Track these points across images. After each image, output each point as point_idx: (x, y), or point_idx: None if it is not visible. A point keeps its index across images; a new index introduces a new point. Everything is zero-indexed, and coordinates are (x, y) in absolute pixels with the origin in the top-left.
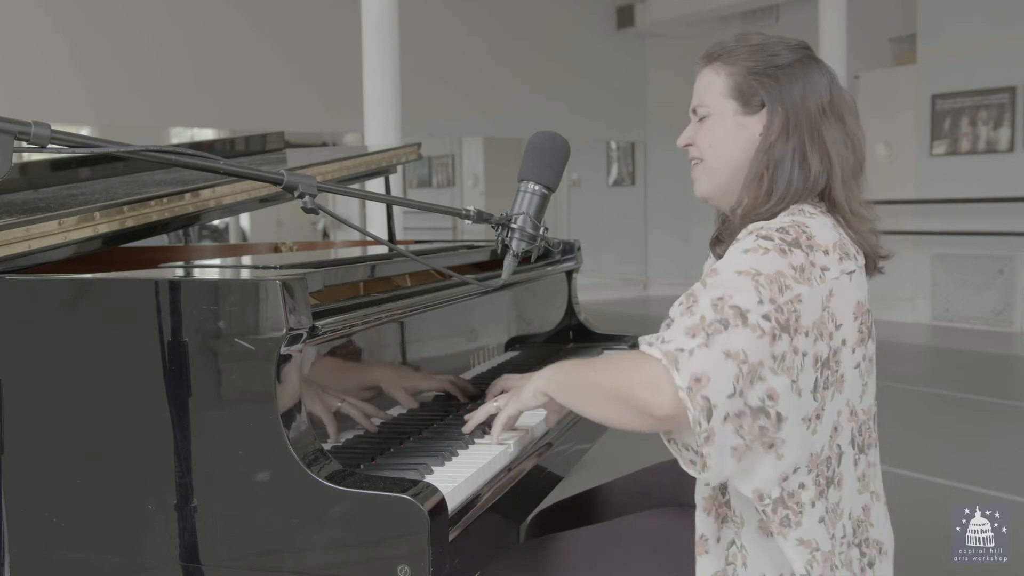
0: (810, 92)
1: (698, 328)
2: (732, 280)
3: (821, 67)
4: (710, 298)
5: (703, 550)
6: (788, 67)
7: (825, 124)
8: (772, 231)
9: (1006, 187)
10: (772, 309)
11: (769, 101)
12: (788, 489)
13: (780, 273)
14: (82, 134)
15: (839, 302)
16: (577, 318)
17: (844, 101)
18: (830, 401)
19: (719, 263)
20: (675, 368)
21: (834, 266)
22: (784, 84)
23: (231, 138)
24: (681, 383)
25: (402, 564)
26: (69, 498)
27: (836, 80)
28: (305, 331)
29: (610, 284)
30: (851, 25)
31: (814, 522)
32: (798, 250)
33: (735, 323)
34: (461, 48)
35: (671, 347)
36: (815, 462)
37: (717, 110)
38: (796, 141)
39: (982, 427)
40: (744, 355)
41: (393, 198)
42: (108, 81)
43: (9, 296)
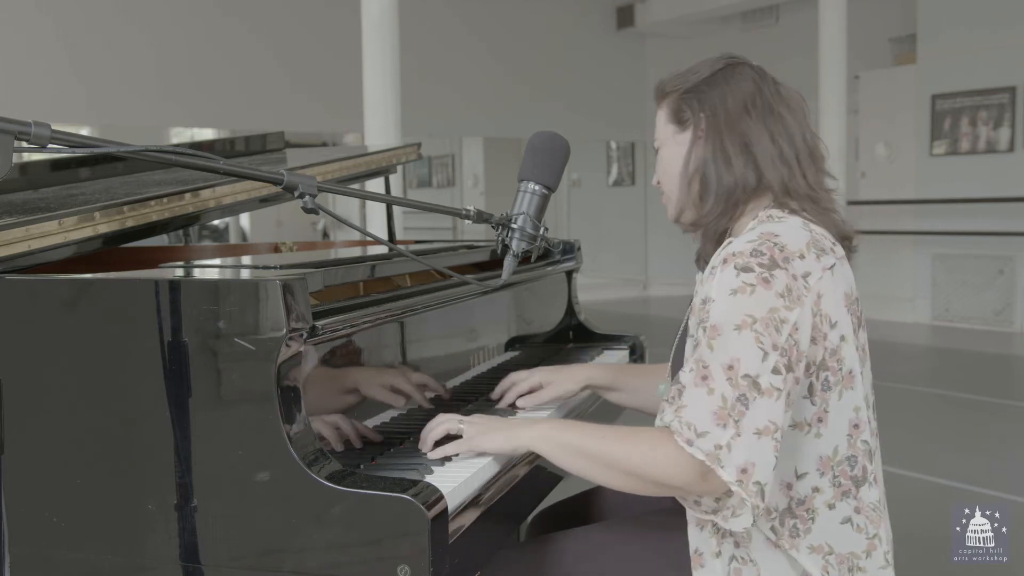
0: (730, 93)
1: (724, 414)
2: (734, 341)
3: (745, 69)
4: (721, 367)
5: (699, 564)
6: (709, 78)
7: (747, 119)
8: (748, 258)
9: (1006, 187)
10: (777, 357)
11: (692, 113)
12: (797, 497)
13: (773, 310)
14: (82, 134)
15: (828, 301)
16: (577, 318)
17: (778, 95)
18: (837, 401)
19: (714, 315)
20: (719, 466)
21: (814, 268)
22: (704, 94)
23: (231, 138)
24: (729, 479)
25: (402, 564)
26: (69, 498)
27: (765, 77)
28: (305, 331)
29: (610, 284)
30: (851, 25)
31: (833, 525)
32: (778, 271)
33: (752, 396)
34: (461, 48)
35: (709, 445)
36: (827, 464)
37: (663, 138)
38: (716, 141)
39: (982, 427)
40: (773, 425)
41: (393, 198)
42: (108, 82)
43: (9, 296)
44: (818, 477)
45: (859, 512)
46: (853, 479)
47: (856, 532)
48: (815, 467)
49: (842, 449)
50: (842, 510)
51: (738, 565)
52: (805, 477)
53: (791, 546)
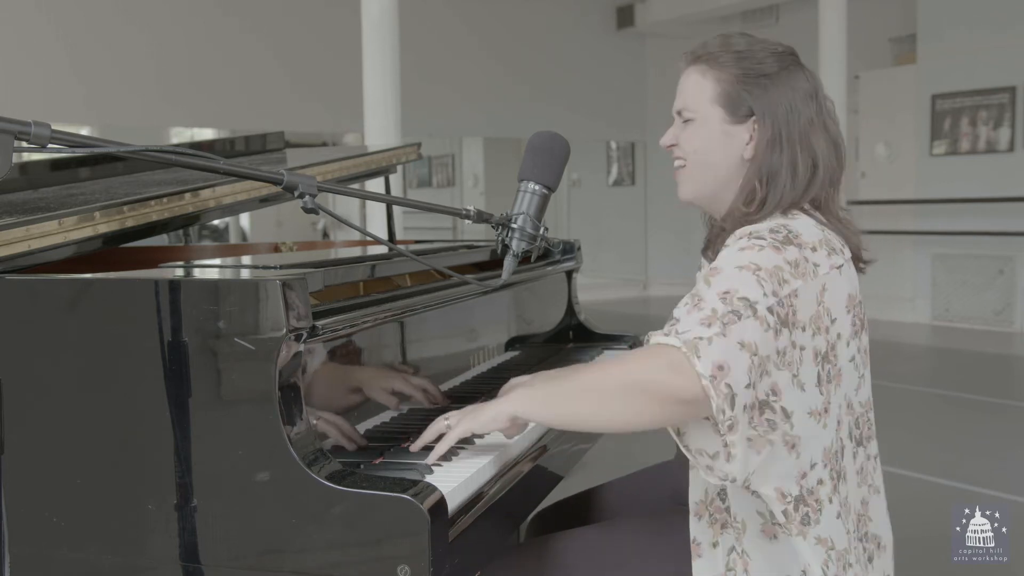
0: (798, 101)
1: (712, 319)
2: (735, 275)
3: (806, 74)
4: (717, 292)
5: (696, 554)
6: (776, 75)
7: (812, 134)
8: (763, 231)
9: (1006, 187)
10: (775, 302)
11: (758, 111)
12: (807, 486)
13: (778, 267)
14: (82, 134)
15: (832, 296)
16: (577, 318)
17: (828, 107)
18: (834, 395)
19: (717, 262)
20: (695, 355)
21: (823, 262)
22: (772, 94)
23: (231, 138)
24: (703, 371)
25: (402, 564)
26: (69, 498)
27: (820, 86)
28: (305, 331)
29: (610, 284)
30: (851, 25)
31: (832, 518)
32: (791, 246)
33: (746, 314)
34: (461, 48)
35: (689, 335)
36: (828, 456)
37: (703, 116)
38: (789, 153)
39: (982, 427)
40: (755, 347)
41: (393, 198)
42: (107, 82)
43: (9, 296)
44: (822, 468)
45: (842, 505)
46: (838, 473)
47: (843, 526)
48: (821, 458)
49: (835, 442)
50: (836, 504)
51: (735, 557)
52: (815, 468)
53: (799, 532)
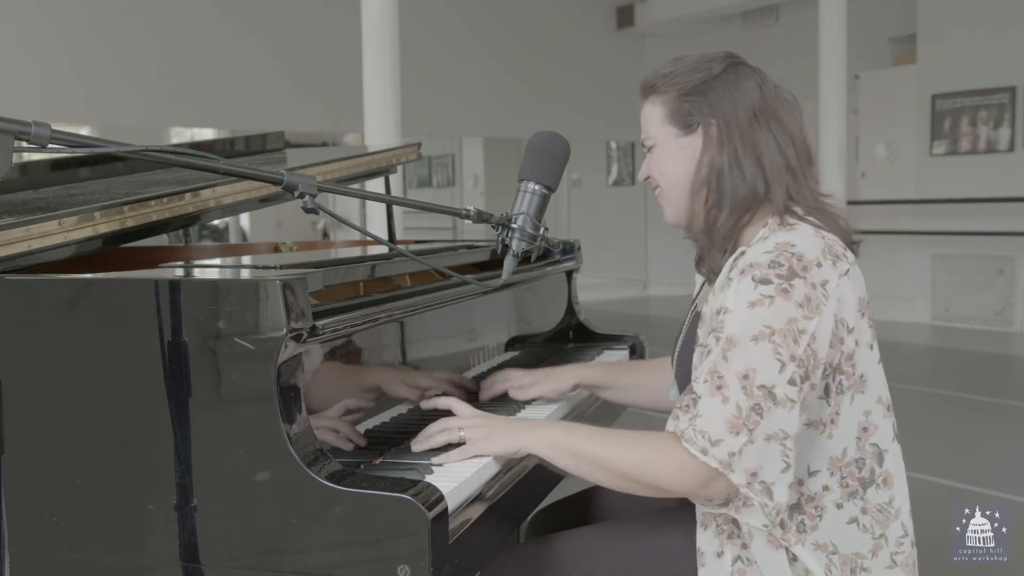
0: (739, 99)
1: (739, 424)
2: (751, 351)
3: (748, 71)
4: (737, 377)
5: (701, 564)
6: (714, 80)
7: (756, 127)
8: (766, 270)
9: (1006, 187)
10: (794, 368)
11: (702, 117)
12: (808, 493)
13: (792, 320)
14: (82, 134)
15: (846, 306)
16: (577, 318)
17: (779, 99)
18: (849, 405)
19: (730, 326)
20: (730, 471)
21: (831, 275)
22: (712, 97)
23: (231, 138)
24: (739, 482)
25: (402, 564)
26: (69, 498)
27: (767, 80)
28: (305, 331)
29: (610, 284)
30: (851, 25)
31: (839, 524)
32: (797, 280)
33: (767, 406)
34: (461, 48)
35: (723, 453)
36: (836, 465)
37: (660, 138)
38: (730, 150)
39: (982, 427)
40: (783, 433)
41: (393, 198)
42: (107, 82)
43: (9, 296)
44: (828, 476)
45: (866, 513)
46: (860, 480)
47: (862, 532)
48: (825, 466)
49: (851, 451)
50: (849, 510)
51: (742, 566)
52: (816, 475)
53: (796, 541)
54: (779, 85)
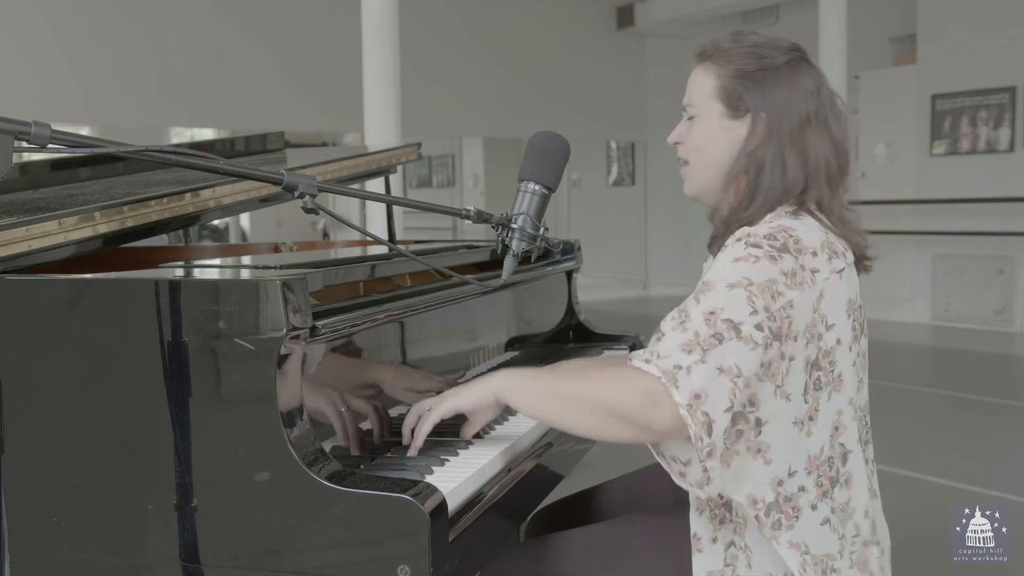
0: (795, 97)
1: (693, 344)
2: (724, 294)
3: (810, 70)
4: (702, 312)
5: (696, 549)
6: (776, 71)
7: (808, 130)
8: (760, 238)
9: (1006, 187)
10: (765, 317)
11: (753, 106)
12: (785, 493)
13: (772, 280)
14: (82, 134)
15: (830, 303)
16: (577, 318)
17: (832, 104)
18: (826, 402)
19: (710, 275)
20: (674, 385)
21: (823, 267)
22: (769, 89)
23: (231, 138)
24: (681, 400)
25: (402, 564)
26: (69, 498)
27: (825, 82)
28: (305, 331)
29: (610, 284)
30: (851, 25)
31: (814, 525)
32: (787, 255)
33: (728, 336)
34: (461, 48)
35: (668, 364)
36: (814, 463)
37: (704, 111)
38: (777, 147)
39: (982, 427)
40: (738, 369)
41: (393, 198)
42: (106, 82)
43: (9, 296)
44: (805, 476)
45: (833, 512)
46: (831, 479)
47: (832, 532)
48: (803, 466)
49: (825, 449)
50: (822, 511)
51: (735, 551)
52: (795, 476)
53: (771, 537)
54: (834, 91)
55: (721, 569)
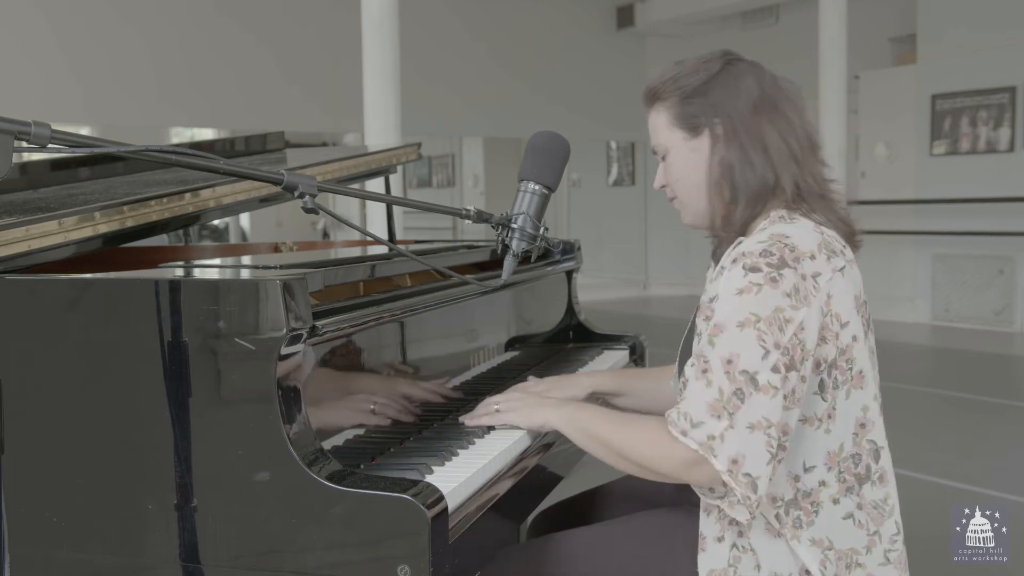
0: (739, 94)
1: (719, 407)
2: (736, 337)
3: (745, 66)
4: (721, 361)
5: (702, 548)
6: (713, 79)
7: (760, 119)
8: (757, 258)
9: (1006, 187)
10: (779, 355)
11: (706, 118)
12: (804, 489)
13: (778, 309)
14: (82, 134)
15: (838, 302)
16: (577, 318)
17: (778, 89)
18: (844, 400)
19: (719, 313)
20: (712, 455)
21: (824, 268)
22: (713, 97)
23: (231, 138)
24: (721, 468)
25: (402, 564)
26: (69, 498)
27: (765, 73)
28: (305, 331)
29: (610, 284)
30: (851, 25)
31: (835, 520)
32: (787, 270)
33: (748, 391)
34: (461, 48)
35: (703, 435)
36: (834, 460)
37: (671, 144)
38: (737, 144)
39: (982, 427)
40: (767, 421)
41: (393, 198)
42: (106, 82)
43: (9, 296)
44: (825, 471)
45: (861, 508)
46: (857, 476)
47: (857, 528)
48: (823, 461)
49: (847, 446)
50: (845, 505)
51: (738, 553)
52: (813, 471)
53: (792, 536)
54: (778, 76)
55: (724, 568)
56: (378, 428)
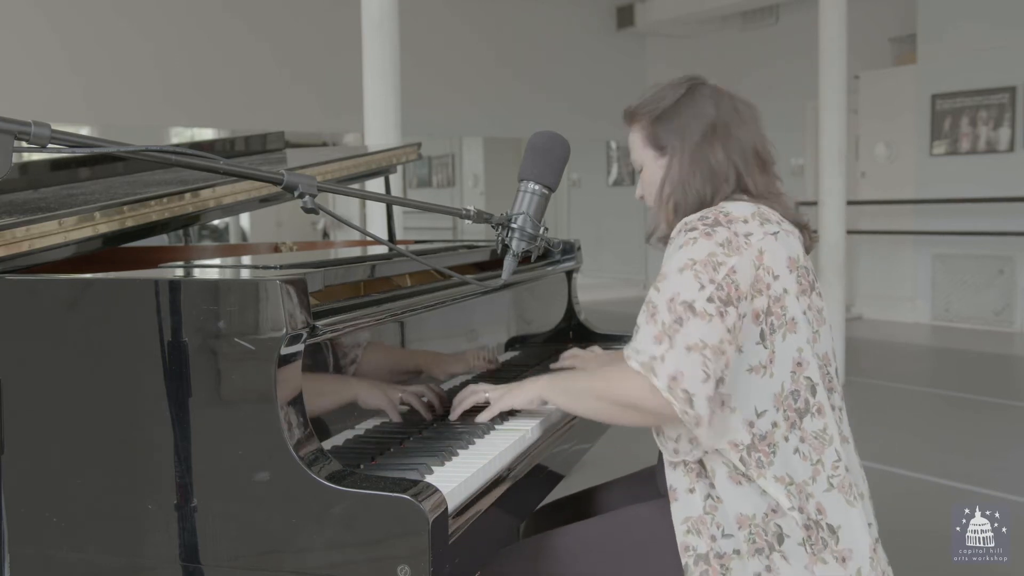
0: (693, 119)
1: (662, 334)
2: (676, 278)
3: (706, 92)
4: (665, 300)
5: (673, 498)
6: (675, 105)
7: (707, 142)
8: (695, 221)
9: (1006, 187)
10: (713, 289)
11: (668, 140)
12: (759, 433)
13: (711, 254)
14: (82, 134)
15: (771, 258)
16: (577, 318)
17: (734, 112)
18: (781, 342)
19: (664, 265)
20: (653, 375)
21: (756, 230)
22: (675, 122)
23: (231, 138)
24: (661, 385)
25: (402, 564)
26: (69, 498)
27: (723, 98)
28: (305, 331)
29: (610, 284)
30: (851, 25)
31: (788, 455)
32: (720, 227)
33: (686, 317)
34: (461, 48)
35: (645, 357)
36: (779, 400)
37: (644, 161)
38: (683, 165)
39: (982, 427)
40: (703, 343)
41: (393, 198)
42: (106, 81)
43: (9, 296)
44: (775, 413)
45: (804, 441)
46: (797, 411)
47: (803, 460)
48: (771, 404)
49: (787, 385)
50: (792, 441)
51: (712, 503)
52: (764, 415)
53: (759, 476)
54: (737, 97)
55: (700, 516)
56: (378, 428)
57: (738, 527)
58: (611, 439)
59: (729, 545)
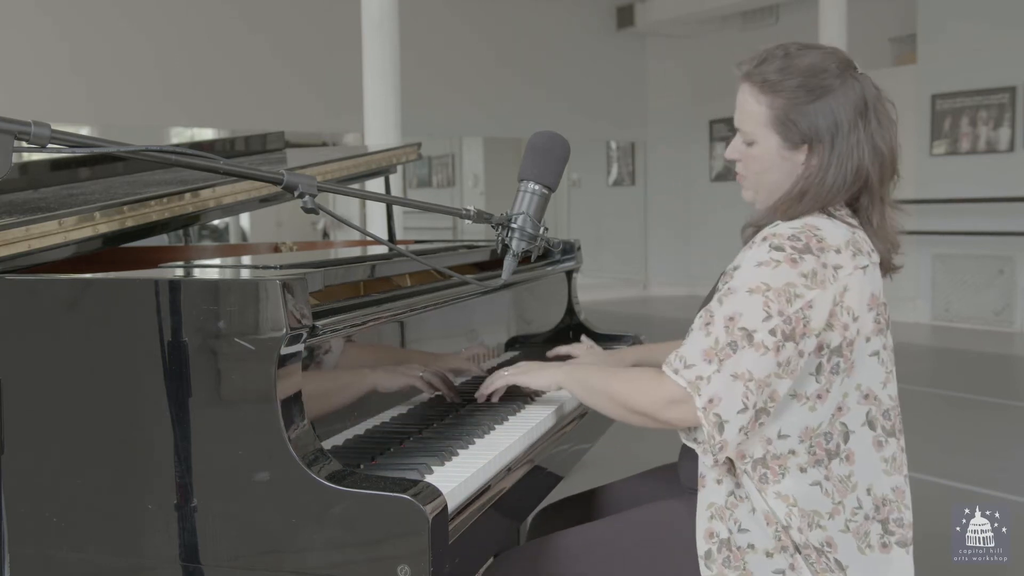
0: (842, 114)
1: (712, 353)
2: (743, 299)
3: (854, 82)
4: (723, 317)
5: (701, 485)
6: (825, 97)
7: (857, 142)
8: (784, 240)
9: (1006, 187)
10: (780, 321)
11: (808, 136)
12: (774, 452)
13: (790, 284)
14: (82, 134)
15: (854, 296)
16: (577, 318)
17: (879, 112)
18: (838, 384)
19: (734, 279)
20: (696, 393)
21: (847, 263)
22: (823, 120)
23: (231, 138)
24: (700, 405)
25: (402, 564)
26: (69, 498)
27: (869, 88)
28: (305, 331)
29: (610, 284)
30: (851, 25)
31: (803, 485)
32: (809, 256)
33: (742, 345)
34: (461, 48)
35: (693, 375)
36: (808, 434)
37: (761, 140)
38: (828, 166)
39: (982, 427)
40: (749, 374)
41: (393, 198)
42: (107, 81)
43: (9, 296)
44: (797, 443)
45: (828, 480)
46: (827, 452)
47: (824, 495)
48: (797, 434)
49: (824, 425)
50: (813, 475)
51: (735, 500)
52: (786, 439)
53: (758, 489)
54: (883, 95)
55: (722, 507)
56: (378, 428)
57: (766, 523)
58: (611, 439)
59: (744, 539)
